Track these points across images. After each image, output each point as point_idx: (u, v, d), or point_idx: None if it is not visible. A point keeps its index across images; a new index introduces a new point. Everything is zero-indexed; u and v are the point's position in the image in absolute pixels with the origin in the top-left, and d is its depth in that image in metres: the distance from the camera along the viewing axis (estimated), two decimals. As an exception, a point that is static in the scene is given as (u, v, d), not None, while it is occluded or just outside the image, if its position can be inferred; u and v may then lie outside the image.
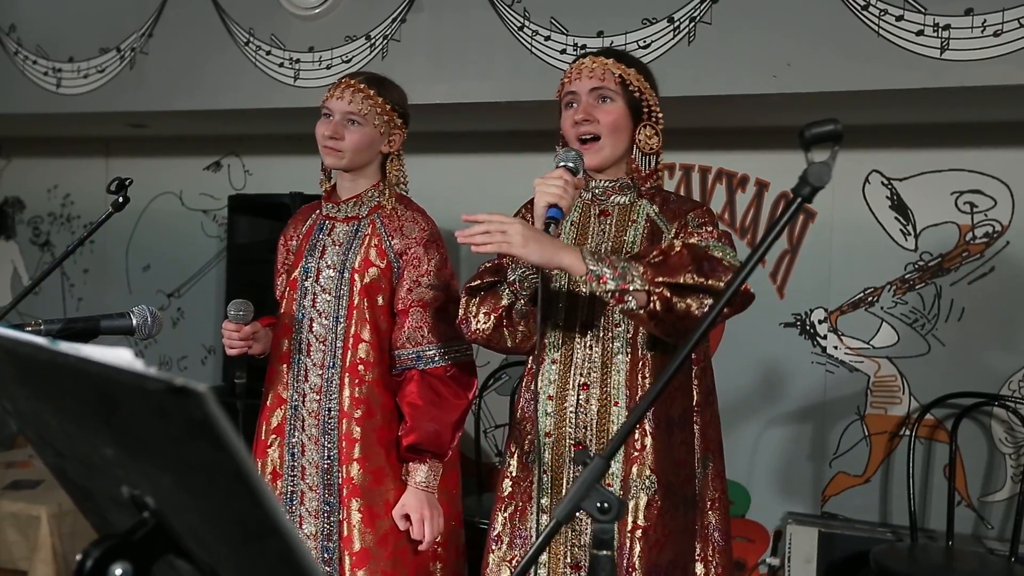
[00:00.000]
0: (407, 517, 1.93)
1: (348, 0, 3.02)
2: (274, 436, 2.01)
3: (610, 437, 1.65)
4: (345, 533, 1.92)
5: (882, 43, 2.42)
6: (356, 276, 1.96)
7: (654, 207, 1.74)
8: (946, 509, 2.79)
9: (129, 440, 0.67)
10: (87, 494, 0.85)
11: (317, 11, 3.04)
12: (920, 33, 2.39)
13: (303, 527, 1.96)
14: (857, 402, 3.12)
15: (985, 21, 2.33)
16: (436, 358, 1.96)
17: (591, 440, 1.67)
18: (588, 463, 1.00)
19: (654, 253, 1.56)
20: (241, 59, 3.18)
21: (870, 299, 3.10)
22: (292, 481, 1.98)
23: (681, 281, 1.50)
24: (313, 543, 1.95)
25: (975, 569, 2.63)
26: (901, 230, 3.07)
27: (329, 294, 1.98)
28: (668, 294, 1.50)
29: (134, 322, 1.56)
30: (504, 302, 1.67)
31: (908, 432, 2.95)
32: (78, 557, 0.65)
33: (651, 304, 1.51)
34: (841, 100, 2.58)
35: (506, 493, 1.78)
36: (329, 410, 1.96)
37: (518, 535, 1.76)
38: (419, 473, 1.94)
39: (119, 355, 0.59)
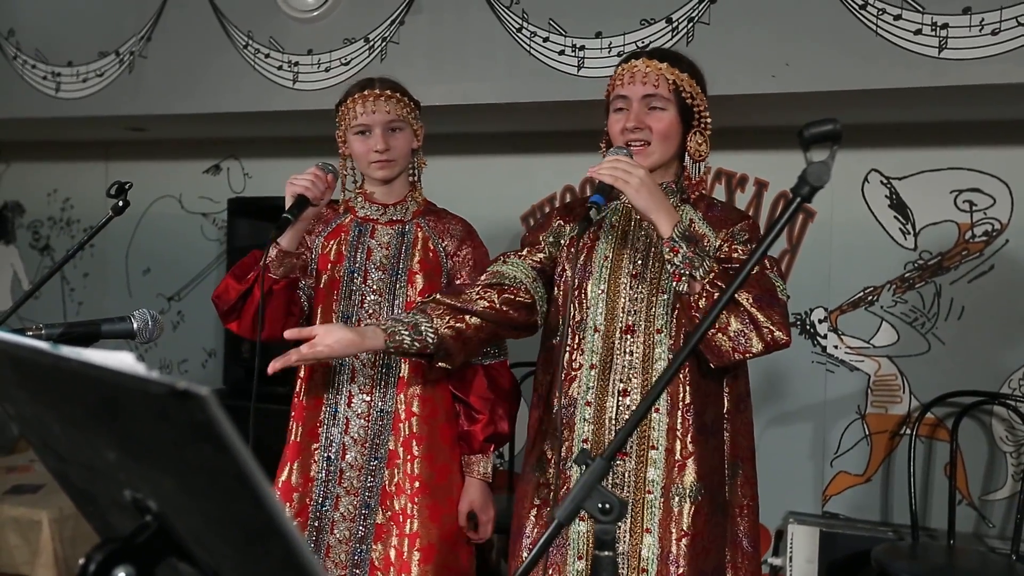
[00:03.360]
0: (467, 514, 2.00)
1: (347, 2, 3.02)
2: (309, 440, 1.98)
3: (651, 443, 1.66)
4: (410, 530, 1.92)
5: (880, 42, 2.42)
6: (414, 277, 1.98)
7: (698, 213, 1.73)
8: (947, 508, 2.79)
9: (131, 443, 0.67)
10: (89, 498, 0.85)
11: (316, 14, 3.04)
12: (918, 32, 2.39)
13: (334, 532, 1.94)
14: (857, 401, 3.12)
15: (983, 20, 2.33)
16: (499, 353, 2.05)
17: (631, 446, 1.66)
18: (589, 464, 1.01)
19: (733, 263, 1.61)
20: (240, 62, 3.18)
21: (870, 298, 3.10)
22: (327, 486, 1.96)
23: (736, 297, 1.52)
24: (345, 547, 1.94)
25: (977, 568, 2.63)
26: (900, 229, 3.07)
27: (379, 295, 1.98)
28: (716, 299, 1.52)
29: (135, 326, 1.55)
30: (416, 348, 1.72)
31: (909, 431, 2.95)
32: (81, 561, 0.65)
33: (699, 298, 1.54)
34: (840, 99, 2.58)
35: (540, 500, 1.77)
36: (382, 411, 1.95)
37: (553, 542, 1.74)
38: (482, 464, 2.02)
39: (121, 359, 0.59)
